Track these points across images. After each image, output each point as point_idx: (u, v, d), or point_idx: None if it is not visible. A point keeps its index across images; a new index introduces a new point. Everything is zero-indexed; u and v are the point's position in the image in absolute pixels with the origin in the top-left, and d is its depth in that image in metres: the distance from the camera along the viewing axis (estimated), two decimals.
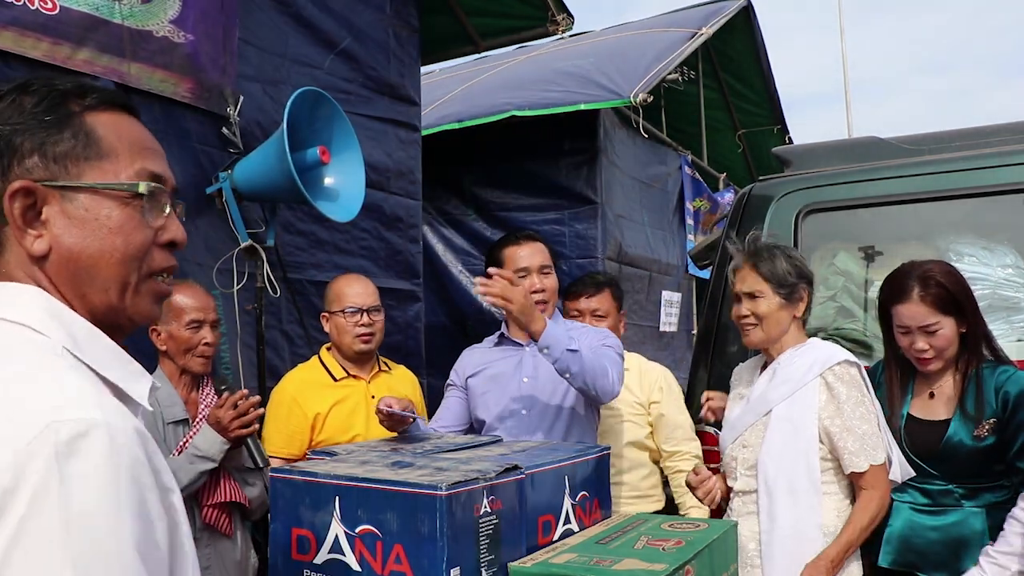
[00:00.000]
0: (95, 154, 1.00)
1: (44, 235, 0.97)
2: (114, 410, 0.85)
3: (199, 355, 2.73)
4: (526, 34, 5.70)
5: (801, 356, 2.41)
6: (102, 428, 0.80)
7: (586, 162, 5.79)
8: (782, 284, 2.41)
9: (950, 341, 2.41)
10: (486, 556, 1.50)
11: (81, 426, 0.79)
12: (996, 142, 3.14)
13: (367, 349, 3.08)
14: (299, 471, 1.64)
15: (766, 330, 2.43)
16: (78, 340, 0.95)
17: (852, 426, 2.29)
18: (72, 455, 0.77)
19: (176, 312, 2.70)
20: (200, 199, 3.39)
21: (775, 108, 9.29)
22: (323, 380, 3.07)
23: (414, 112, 4.72)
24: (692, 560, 1.55)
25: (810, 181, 3.28)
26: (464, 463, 1.65)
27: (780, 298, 2.41)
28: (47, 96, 1.00)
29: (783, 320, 2.43)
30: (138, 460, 0.83)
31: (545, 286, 2.77)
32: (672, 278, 7.02)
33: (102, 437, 0.80)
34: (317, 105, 3.27)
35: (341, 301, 3.09)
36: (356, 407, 3.04)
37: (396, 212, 4.49)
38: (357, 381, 3.10)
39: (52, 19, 2.79)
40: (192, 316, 2.70)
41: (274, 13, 3.86)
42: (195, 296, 2.75)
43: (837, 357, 2.37)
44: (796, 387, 2.36)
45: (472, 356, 2.92)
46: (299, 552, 1.60)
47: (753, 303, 2.43)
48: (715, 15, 7.44)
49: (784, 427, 2.35)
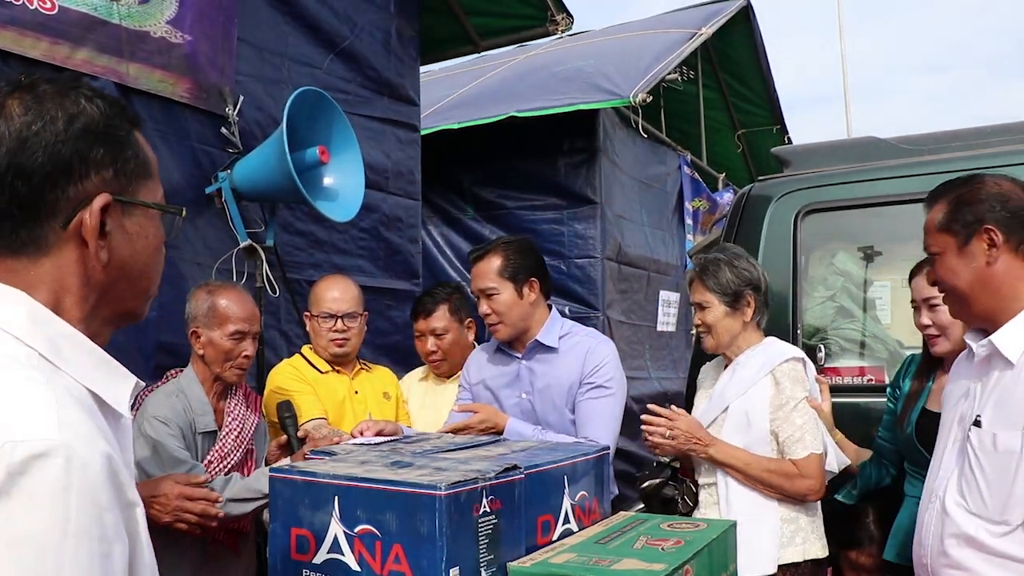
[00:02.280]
0: (145, 173, 1.03)
1: (105, 246, 0.99)
2: (78, 429, 0.84)
3: (237, 367, 2.63)
4: (526, 34, 5.70)
5: (757, 355, 2.56)
6: (61, 450, 0.79)
7: (585, 162, 5.79)
8: (726, 293, 2.56)
9: (953, 320, 2.42)
10: (485, 556, 1.50)
11: (39, 447, 0.79)
12: (995, 142, 3.14)
13: (340, 353, 3.07)
14: (298, 471, 1.64)
15: (716, 337, 2.59)
16: (59, 347, 0.94)
17: (791, 418, 2.44)
18: (23, 474, 0.77)
19: (220, 319, 2.59)
20: (199, 199, 3.39)
21: (774, 108, 9.29)
22: (310, 374, 3.08)
23: (413, 112, 4.72)
24: (691, 560, 1.55)
25: (809, 181, 3.28)
26: (463, 463, 1.65)
27: (725, 306, 2.57)
28: (113, 106, 1.01)
29: (732, 327, 2.57)
30: (97, 482, 0.82)
31: (491, 309, 2.70)
32: (671, 278, 7.03)
33: (58, 459, 0.79)
34: (317, 105, 3.27)
35: (318, 305, 3.08)
36: (343, 401, 3.06)
37: (395, 212, 4.49)
38: (341, 375, 3.12)
39: (51, 19, 2.79)
40: (237, 327, 2.59)
41: (273, 12, 3.86)
42: (242, 305, 2.64)
43: (785, 354, 2.53)
44: (750, 384, 2.51)
45: (478, 360, 2.93)
46: (298, 552, 1.59)
47: (702, 313, 2.60)
48: (715, 15, 7.44)
49: (740, 421, 2.51)
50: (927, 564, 1.94)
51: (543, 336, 2.72)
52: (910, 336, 3.51)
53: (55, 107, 0.96)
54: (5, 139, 0.93)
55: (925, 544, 1.95)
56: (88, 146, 0.97)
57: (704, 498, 2.60)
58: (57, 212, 0.95)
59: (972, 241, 1.85)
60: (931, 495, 1.97)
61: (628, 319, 6.15)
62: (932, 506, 1.95)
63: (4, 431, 0.79)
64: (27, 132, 0.94)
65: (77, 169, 0.96)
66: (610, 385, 2.66)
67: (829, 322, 3.43)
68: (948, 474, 1.93)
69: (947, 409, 2.05)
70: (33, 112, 0.95)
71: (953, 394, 2.03)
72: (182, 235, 3.30)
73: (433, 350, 3.23)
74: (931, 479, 2.01)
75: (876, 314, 3.69)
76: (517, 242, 2.80)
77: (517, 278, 2.69)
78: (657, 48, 6.61)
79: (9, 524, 0.76)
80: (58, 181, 0.95)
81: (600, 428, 2.59)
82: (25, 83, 0.97)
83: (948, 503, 1.89)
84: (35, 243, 0.96)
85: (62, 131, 0.95)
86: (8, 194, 0.93)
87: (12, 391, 0.84)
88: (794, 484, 2.42)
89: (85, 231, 0.96)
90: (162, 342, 3.08)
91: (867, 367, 3.33)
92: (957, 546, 1.85)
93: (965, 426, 1.89)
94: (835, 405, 2.67)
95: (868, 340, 3.45)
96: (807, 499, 2.45)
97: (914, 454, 2.52)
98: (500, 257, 2.70)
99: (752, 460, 2.46)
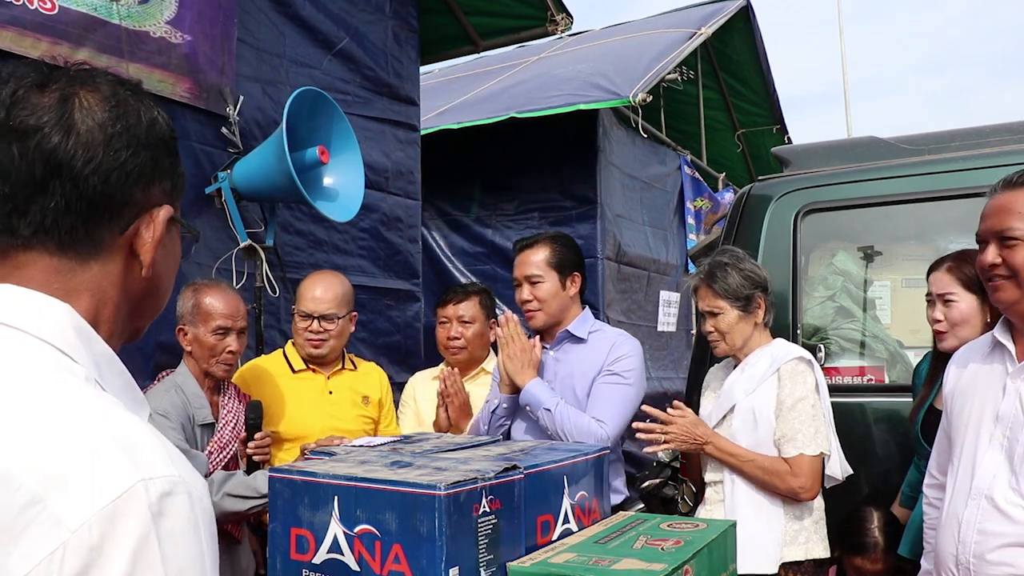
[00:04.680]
0: (176, 188, 1.01)
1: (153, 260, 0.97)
2: (183, 462, 0.82)
3: (223, 362, 2.69)
4: (525, 34, 5.71)
5: (765, 355, 2.57)
6: (182, 485, 0.79)
7: (585, 162, 5.79)
8: (737, 297, 2.56)
9: (965, 318, 2.45)
10: (485, 556, 1.50)
11: (167, 484, 0.77)
12: (994, 142, 3.15)
13: (316, 354, 3.03)
14: (298, 471, 1.64)
15: (730, 342, 2.60)
16: (100, 368, 0.90)
17: (788, 416, 2.46)
18: (163, 514, 0.76)
19: (204, 316, 2.66)
20: (199, 199, 3.39)
21: (774, 108, 9.30)
22: (280, 371, 3.05)
23: (413, 112, 4.72)
24: (691, 560, 1.55)
25: (809, 181, 3.28)
26: (463, 463, 1.65)
27: (738, 311, 2.57)
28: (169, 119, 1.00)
29: (745, 330, 2.58)
30: (208, 511, 0.82)
31: (533, 296, 2.75)
32: (671, 278, 7.03)
33: (183, 495, 0.78)
34: (316, 105, 3.27)
35: (299, 302, 3.05)
36: (312, 402, 3.01)
37: (395, 212, 4.49)
38: (315, 375, 3.07)
39: (51, 19, 2.79)
40: (219, 323, 2.66)
41: (272, 13, 3.86)
42: (225, 301, 2.69)
43: (792, 354, 2.54)
44: (758, 383, 2.53)
45: None
46: (298, 552, 1.60)
47: (714, 320, 2.60)
48: (714, 15, 7.45)
49: (747, 419, 2.52)
50: (967, 561, 1.89)
51: (574, 328, 2.78)
52: (910, 336, 3.51)
53: (136, 109, 0.94)
54: (84, 132, 0.89)
55: (967, 542, 1.90)
56: (160, 155, 0.96)
57: (710, 495, 2.61)
58: (121, 216, 0.93)
59: None
60: (969, 493, 1.93)
61: (628, 319, 6.15)
62: (974, 503, 1.90)
63: (133, 469, 0.76)
64: (112, 129, 0.91)
65: (148, 176, 0.94)
66: (628, 376, 2.68)
67: (829, 322, 3.43)
68: (994, 472, 1.89)
69: (967, 404, 2.01)
70: (117, 110, 0.92)
71: (974, 389, 2.00)
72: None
73: (456, 336, 3.23)
74: (965, 477, 1.96)
75: (876, 314, 3.69)
76: (564, 237, 2.89)
77: (563, 270, 2.77)
78: (657, 48, 6.61)
79: (164, 561, 0.75)
80: (133, 184, 0.92)
81: (609, 411, 2.60)
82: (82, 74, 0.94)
83: (1000, 502, 1.86)
84: (92, 243, 0.92)
85: (143, 135, 0.94)
86: (81, 188, 0.89)
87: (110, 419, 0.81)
88: (785, 482, 2.43)
89: (141, 241, 0.94)
90: (162, 342, 3.09)
91: (867, 367, 3.33)
92: (1012, 545, 1.82)
93: (1015, 426, 1.86)
94: (835, 405, 2.66)
95: (868, 340, 3.45)
96: (799, 498, 2.45)
97: (923, 451, 2.52)
98: (548, 247, 2.78)
99: (748, 457, 2.47)
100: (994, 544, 1.85)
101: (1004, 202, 1.88)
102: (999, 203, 1.89)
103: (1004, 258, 1.86)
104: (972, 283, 2.44)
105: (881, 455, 2.98)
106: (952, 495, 2.00)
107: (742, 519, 2.32)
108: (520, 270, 2.79)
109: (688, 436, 2.50)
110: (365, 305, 4.07)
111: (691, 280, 2.71)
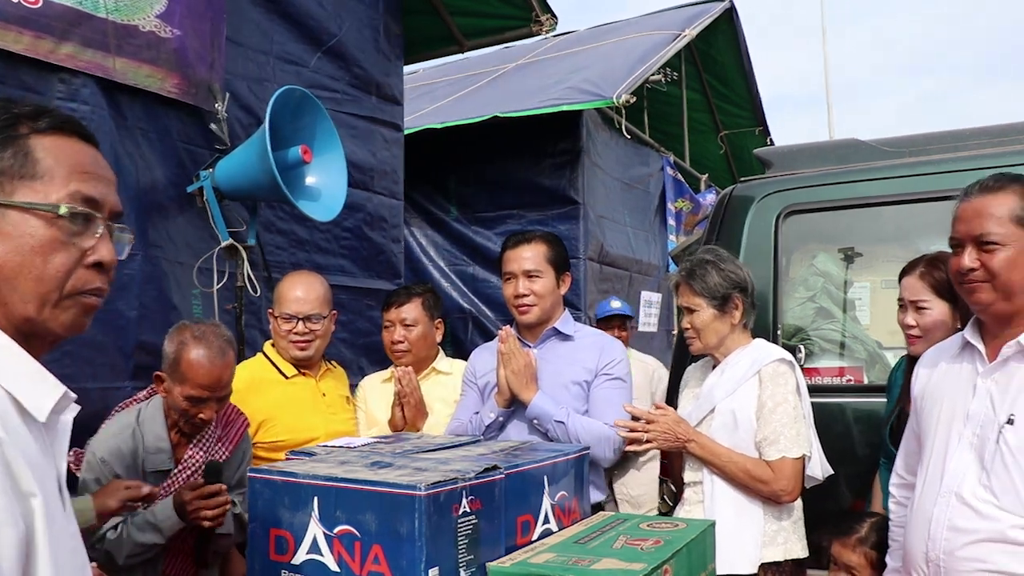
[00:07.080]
0: (29, 174, 1.04)
1: None
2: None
3: (192, 424, 2.43)
4: (510, 34, 5.70)
5: (745, 356, 2.57)
6: None
7: (568, 163, 5.80)
8: (714, 296, 2.57)
9: (937, 325, 2.47)
10: (465, 556, 1.50)
11: None
12: (975, 145, 3.17)
13: (302, 356, 2.97)
14: (278, 471, 1.63)
15: (704, 340, 2.61)
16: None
17: (769, 419, 2.47)
18: None
19: (181, 377, 2.35)
20: (181, 197, 3.37)
21: (757, 110, 9.34)
22: (272, 377, 2.99)
23: (397, 111, 4.72)
24: (670, 560, 1.55)
25: (791, 183, 3.30)
26: (443, 463, 1.65)
27: (714, 309, 2.58)
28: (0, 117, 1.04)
29: (720, 329, 2.59)
30: None
31: (531, 290, 2.75)
32: (652, 279, 7.05)
33: None
34: (300, 104, 3.26)
35: (280, 305, 2.98)
36: (311, 405, 2.97)
37: (379, 212, 4.49)
38: (307, 379, 3.03)
39: (34, 12, 2.76)
40: (194, 392, 2.35)
41: (260, 11, 3.85)
42: (209, 369, 2.34)
43: (772, 356, 2.54)
44: (738, 384, 2.54)
45: (482, 357, 2.92)
46: (277, 553, 1.59)
47: (691, 316, 2.61)
48: (698, 17, 7.48)
49: (727, 420, 2.52)
50: (937, 558, 1.92)
51: (561, 325, 2.81)
52: (889, 337, 3.53)
53: None
54: None
55: (936, 539, 1.93)
56: None
57: (689, 495, 2.61)
58: None
59: None
60: (939, 491, 1.95)
61: None
62: (944, 501, 1.93)
63: None
64: None
65: None
66: (626, 379, 2.76)
67: (809, 323, 3.45)
68: (963, 470, 1.91)
69: (936, 404, 2.03)
70: None
71: (943, 390, 2.02)
72: (164, 234, 3.28)
73: (400, 340, 3.14)
74: (935, 475, 1.98)
75: (856, 315, 3.72)
76: (556, 236, 2.93)
77: (558, 268, 2.80)
78: (641, 49, 6.63)
79: None
80: None
81: (618, 414, 2.64)
82: None
83: (970, 499, 1.88)
84: None
85: None
86: None
87: None
88: (768, 485, 2.44)
89: None
90: (143, 341, 3.05)
91: (846, 367, 3.35)
92: (983, 541, 1.85)
93: (986, 424, 1.89)
94: (814, 405, 2.68)
95: (848, 341, 3.47)
96: (780, 500, 2.46)
97: (891, 455, 2.54)
98: (546, 244, 2.81)
99: (730, 458, 2.48)
100: (964, 540, 1.88)
101: (980, 206, 1.90)
102: (975, 207, 1.91)
103: (982, 262, 1.89)
104: (944, 289, 2.46)
105: (860, 455, 3.00)
106: (921, 493, 2.03)
107: (721, 519, 2.33)
108: (518, 264, 2.77)
109: (671, 434, 2.51)
110: (345, 305, 4.05)
111: (674, 276, 2.73)
